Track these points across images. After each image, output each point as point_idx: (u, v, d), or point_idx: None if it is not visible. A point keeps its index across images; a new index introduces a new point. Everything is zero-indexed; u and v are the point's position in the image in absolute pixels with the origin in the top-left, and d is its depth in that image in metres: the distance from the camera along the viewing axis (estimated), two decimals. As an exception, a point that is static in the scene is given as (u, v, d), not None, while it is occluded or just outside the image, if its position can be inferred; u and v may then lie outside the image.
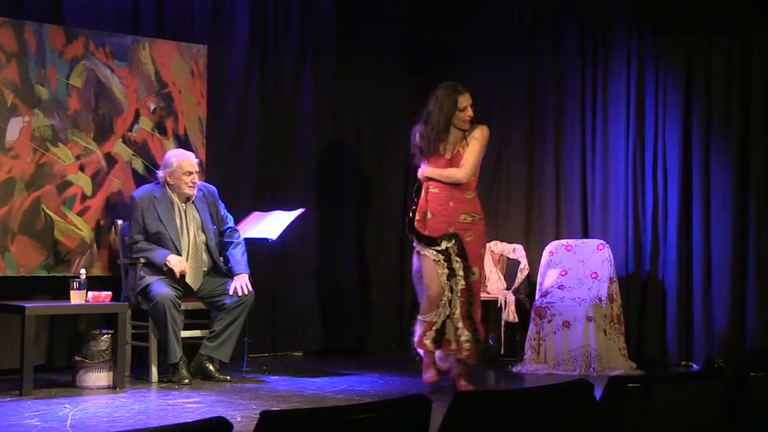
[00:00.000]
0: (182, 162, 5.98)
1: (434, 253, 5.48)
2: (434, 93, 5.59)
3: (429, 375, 5.60)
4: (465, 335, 5.43)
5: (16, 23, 5.94)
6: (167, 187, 6.00)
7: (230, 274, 6.00)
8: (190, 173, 5.97)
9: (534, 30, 7.33)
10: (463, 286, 5.45)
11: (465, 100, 5.53)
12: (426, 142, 5.54)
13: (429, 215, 5.54)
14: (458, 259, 5.46)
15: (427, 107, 5.57)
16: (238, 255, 6.05)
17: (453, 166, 5.55)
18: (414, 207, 5.61)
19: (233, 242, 6.10)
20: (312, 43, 7.35)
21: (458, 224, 5.51)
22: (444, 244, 5.48)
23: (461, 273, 5.45)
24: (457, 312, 5.44)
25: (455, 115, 5.51)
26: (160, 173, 6.04)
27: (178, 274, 5.82)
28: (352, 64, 7.56)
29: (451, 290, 5.46)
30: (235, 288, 5.90)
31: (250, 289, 5.93)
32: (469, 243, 5.50)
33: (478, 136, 5.59)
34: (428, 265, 5.49)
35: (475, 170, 5.60)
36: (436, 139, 5.51)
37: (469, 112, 5.54)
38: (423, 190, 5.60)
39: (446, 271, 5.46)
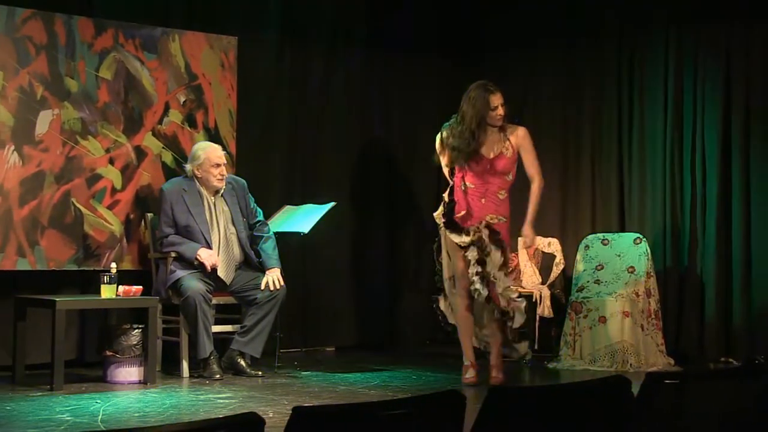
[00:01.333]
0: (210, 154, 6.03)
1: (464, 239, 5.60)
2: (467, 92, 5.65)
3: (469, 376, 5.66)
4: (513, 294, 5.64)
5: (45, 15, 6.00)
6: (196, 180, 6.05)
7: (262, 269, 6.04)
8: (218, 165, 6.01)
9: (570, 21, 7.30)
10: (501, 265, 5.60)
11: (496, 99, 5.62)
12: (461, 141, 5.60)
13: (462, 212, 5.65)
14: (492, 244, 5.59)
15: (461, 107, 5.64)
16: (269, 249, 6.08)
17: (495, 166, 5.64)
18: (451, 203, 5.70)
19: (263, 236, 6.13)
20: (343, 35, 7.36)
21: (485, 223, 5.64)
22: (473, 234, 5.59)
23: (498, 254, 5.58)
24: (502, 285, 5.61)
25: (488, 115, 5.59)
26: (188, 166, 6.09)
27: (209, 268, 5.87)
28: (384, 56, 7.56)
29: (481, 274, 5.56)
30: (267, 282, 5.93)
31: (282, 283, 5.97)
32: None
33: (527, 141, 5.72)
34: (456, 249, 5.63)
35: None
36: (471, 138, 5.58)
37: (501, 111, 5.62)
38: (457, 186, 5.65)
39: (476, 255, 5.58)
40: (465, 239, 5.62)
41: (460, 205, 5.67)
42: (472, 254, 5.59)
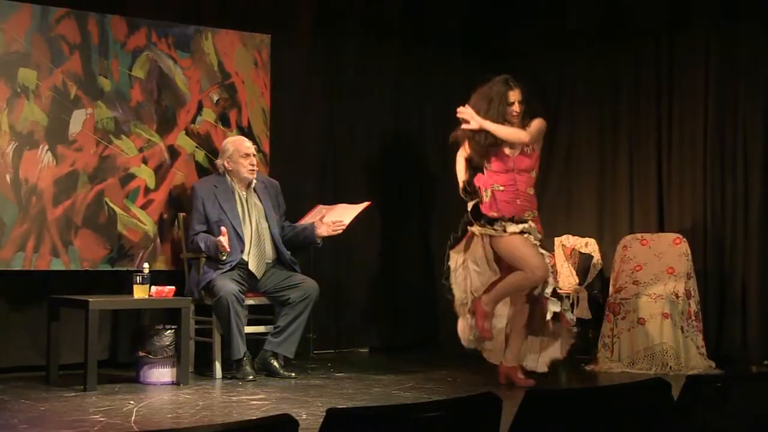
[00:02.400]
0: (238, 146, 6.09)
1: (520, 227, 5.61)
2: (487, 86, 5.66)
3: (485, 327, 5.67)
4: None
5: (79, 14, 6.06)
6: (227, 176, 6.09)
7: (294, 268, 6.08)
8: (248, 155, 6.07)
9: (604, 16, 7.25)
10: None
11: (514, 96, 5.64)
12: (478, 134, 5.61)
13: (495, 214, 5.65)
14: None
15: (480, 101, 5.65)
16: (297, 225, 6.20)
17: (519, 165, 5.65)
18: (476, 199, 5.71)
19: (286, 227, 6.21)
20: (376, 31, 7.37)
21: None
22: (522, 226, 5.63)
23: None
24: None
25: (505, 110, 5.62)
26: (219, 161, 6.16)
27: (226, 246, 5.83)
28: (417, 53, 7.56)
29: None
30: (324, 225, 6.08)
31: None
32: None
33: (535, 123, 5.69)
34: (516, 240, 5.59)
35: (536, 141, 5.70)
36: (487, 132, 5.59)
37: (517, 107, 5.64)
38: (483, 191, 5.68)
39: (537, 243, 5.61)
40: (515, 228, 5.60)
41: (492, 208, 5.65)
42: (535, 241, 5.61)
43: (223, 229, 5.88)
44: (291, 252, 6.19)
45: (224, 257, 5.89)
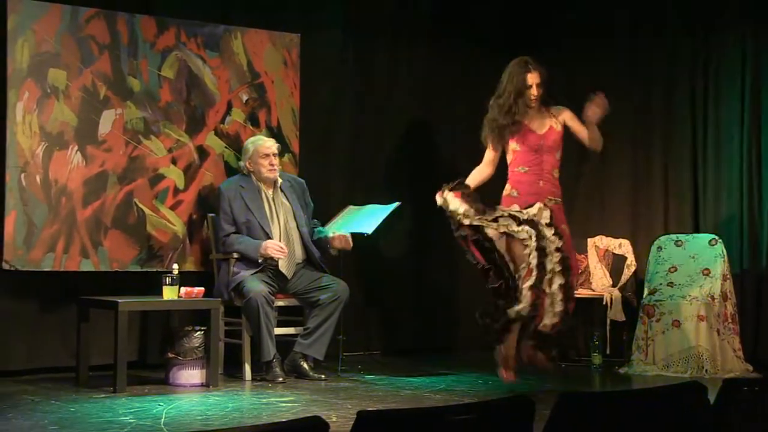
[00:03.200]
0: (258, 146, 6.11)
1: (519, 229, 5.49)
2: (507, 67, 5.70)
3: (509, 375, 5.58)
4: (558, 306, 5.39)
5: (108, 14, 6.10)
6: (252, 176, 6.12)
7: (324, 269, 6.11)
8: (267, 155, 6.09)
9: (638, 12, 7.21)
10: (559, 256, 5.42)
11: (533, 78, 5.63)
12: (500, 115, 5.65)
13: (515, 193, 5.63)
14: (549, 228, 5.47)
15: (500, 81, 5.71)
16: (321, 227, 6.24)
17: (547, 142, 5.64)
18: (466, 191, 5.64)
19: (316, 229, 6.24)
20: (407, 30, 7.37)
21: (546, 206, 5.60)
22: (528, 212, 5.49)
23: (554, 241, 5.44)
24: (555, 285, 5.39)
25: (524, 92, 5.62)
26: (242, 163, 6.19)
27: (277, 257, 5.89)
28: (448, 49, 7.56)
29: (542, 267, 5.40)
30: (337, 238, 6.08)
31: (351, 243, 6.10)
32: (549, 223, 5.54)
33: (575, 118, 5.70)
34: (505, 243, 5.53)
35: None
36: (508, 114, 5.62)
37: (535, 90, 5.62)
38: (511, 171, 5.65)
39: (534, 244, 5.43)
40: (522, 221, 5.50)
41: (508, 202, 5.60)
42: (531, 245, 5.44)
43: (278, 246, 5.92)
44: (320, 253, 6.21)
45: (262, 260, 5.92)
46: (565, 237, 5.55)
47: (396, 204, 6.47)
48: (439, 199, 5.63)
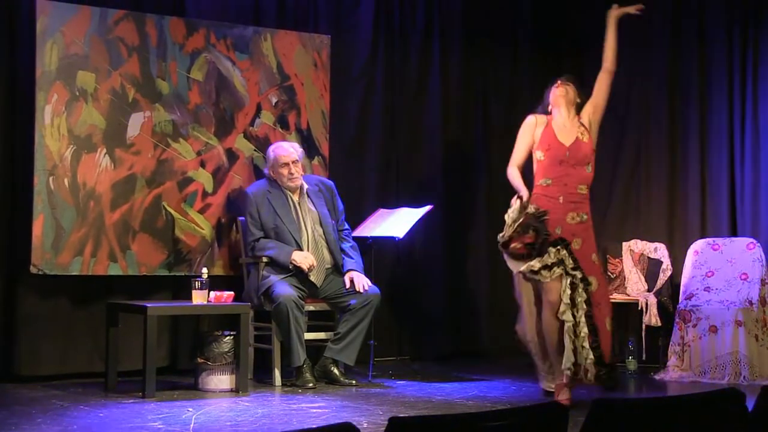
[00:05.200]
0: (278, 154, 6.14)
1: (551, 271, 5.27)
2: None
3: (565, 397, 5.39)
4: (590, 357, 5.22)
5: (137, 16, 6.16)
6: (276, 182, 6.15)
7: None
8: (286, 164, 6.10)
9: (676, 13, 7.19)
10: (585, 299, 5.24)
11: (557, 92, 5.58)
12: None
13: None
14: (574, 270, 5.26)
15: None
16: (348, 249, 6.20)
17: (574, 154, 5.41)
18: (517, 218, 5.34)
19: (347, 245, 6.22)
20: (439, 31, 7.39)
21: (565, 225, 5.32)
22: (553, 255, 5.25)
23: (581, 285, 5.24)
24: (584, 331, 5.22)
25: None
26: (266, 170, 6.23)
27: (306, 269, 5.94)
28: (481, 51, 7.56)
29: (575, 306, 5.24)
30: (353, 280, 5.99)
31: (369, 285, 6.02)
32: (578, 251, 5.29)
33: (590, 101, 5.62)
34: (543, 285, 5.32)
35: (594, 122, 5.58)
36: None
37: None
38: (535, 183, 5.46)
39: (569, 285, 5.23)
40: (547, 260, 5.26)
41: (532, 202, 5.37)
42: (566, 285, 5.23)
43: (309, 261, 5.95)
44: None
45: (292, 267, 5.96)
46: (595, 269, 5.34)
47: (428, 208, 6.48)
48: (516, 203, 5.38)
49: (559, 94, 5.55)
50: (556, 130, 5.48)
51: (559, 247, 5.26)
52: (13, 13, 5.94)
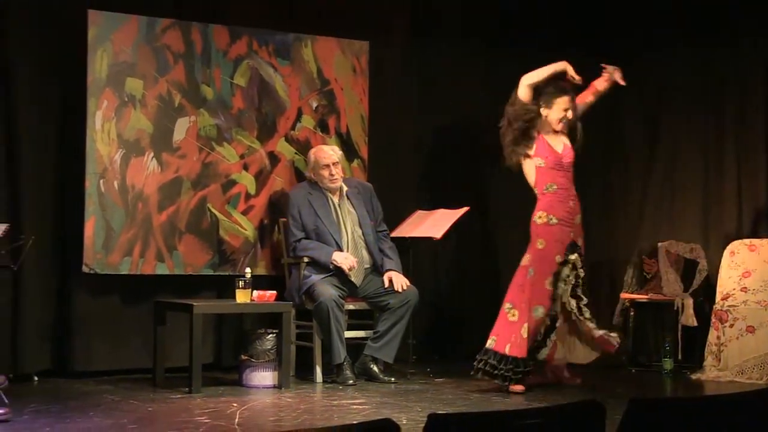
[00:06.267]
0: (318, 156, 6.15)
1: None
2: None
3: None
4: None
5: (183, 24, 6.20)
6: (318, 184, 6.15)
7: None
8: (327, 166, 6.11)
9: (707, 12, 7.10)
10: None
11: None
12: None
13: (553, 220, 5.75)
14: (581, 271, 5.78)
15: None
16: (391, 254, 6.20)
17: (566, 159, 5.82)
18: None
19: (386, 245, 6.21)
20: (472, 36, 7.36)
21: (576, 227, 5.84)
22: (571, 261, 5.79)
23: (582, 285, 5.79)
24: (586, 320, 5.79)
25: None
26: (307, 172, 6.24)
27: (347, 270, 5.94)
28: (514, 56, 7.51)
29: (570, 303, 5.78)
30: (392, 280, 6.00)
31: (408, 284, 6.00)
32: (581, 249, 5.85)
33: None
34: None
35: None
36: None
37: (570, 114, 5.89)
38: (540, 192, 5.82)
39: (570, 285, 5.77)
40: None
41: (543, 209, 5.82)
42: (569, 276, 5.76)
43: (350, 262, 5.95)
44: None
45: (333, 267, 5.96)
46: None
47: (464, 209, 6.46)
48: None
49: (569, 116, 5.84)
50: (548, 139, 5.83)
51: (574, 251, 5.75)
52: (66, 24, 6.00)
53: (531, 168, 5.82)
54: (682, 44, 7.21)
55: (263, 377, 5.70)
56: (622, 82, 5.97)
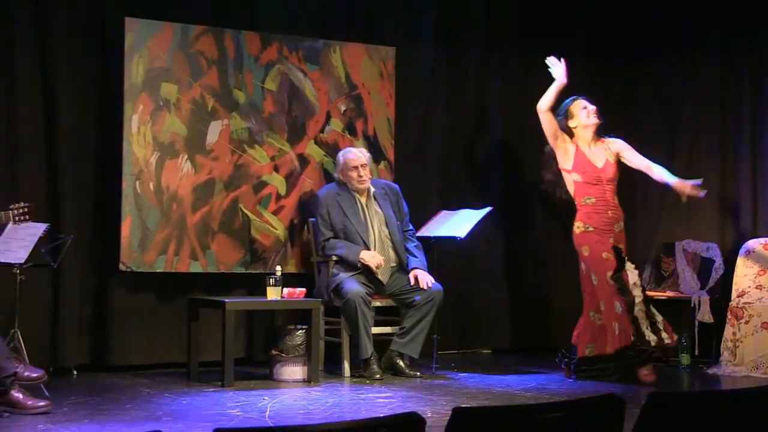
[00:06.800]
0: (347, 159, 6.17)
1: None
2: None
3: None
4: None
5: (216, 31, 6.25)
6: (346, 185, 6.18)
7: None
8: (355, 168, 6.13)
9: (728, 17, 7.07)
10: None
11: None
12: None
13: (590, 228, 5.85)
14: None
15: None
16: (417, 252, 6.21)
17: (606, 174, 5.88)
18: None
19: (412, 244, 6.23)
20: (497, 42, 7.36)
21: (614, 234, 5.88)
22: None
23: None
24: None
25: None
26: (335, 174, 6.26)
27: (375, 268, 5.97)
28: (536, 62, 7.50)
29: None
30: (417, 278, 6.01)
31: (432, 281, 6.03)
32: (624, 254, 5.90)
33: (626, 146, 6.02)
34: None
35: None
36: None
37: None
38: (578, 204, 5.89)
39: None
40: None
41: (581, 219, 5.89)
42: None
43: (377, 260, 5.99)
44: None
45: (360, 265, 5.99)
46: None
47: (488, 209, 6.47)
48: None
49: (594, 123, 5.93)
50: (587, 153, 5.90)
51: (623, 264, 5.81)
52: (104, 31, 6.06)
53: (570, 182, 5.96)
54: (699, 45, 7.19)
55: (293, 371, 5.73)
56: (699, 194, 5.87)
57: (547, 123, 5.98)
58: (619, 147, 5.99)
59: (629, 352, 5.66)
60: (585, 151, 5.90)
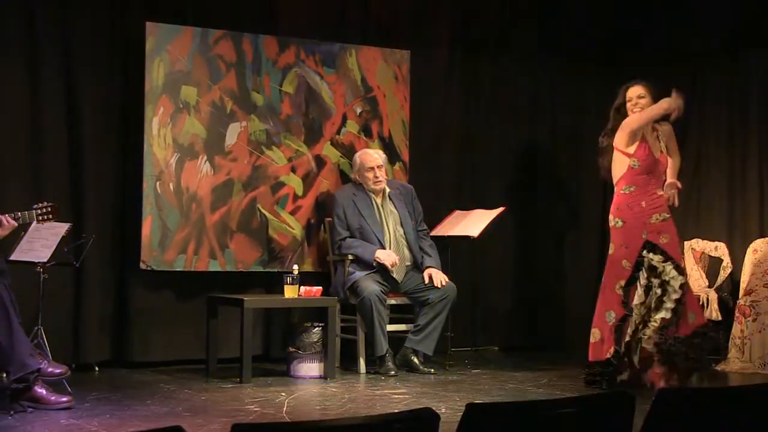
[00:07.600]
0: (363, 159, 6.17)
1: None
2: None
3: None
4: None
5: (235, 35, 6.25)
6: (362, 185, 6.17)
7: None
8: (371, 168, 6.13)
9: (737, 23, 7.03)
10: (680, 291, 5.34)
11: (632, 92, 5.50)
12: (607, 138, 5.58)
13: (619, 223, 5.42)
14: (664, 262, 5.33)
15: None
16: (426, 248, 6.20)
17: (660, 167, 5.47)
18: None
19: (426, 243, 6.22)
20: (510, 46, 7.34)
21: (649, 226, 5.38)
22: (647, 261, 5.37)
23: (675, 276, 5.32)
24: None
25: (625, 107, 5.51)
26: (352, 175, 6.25)
27: (390, 266, 5.97)
28: (550, 65, 7.50)
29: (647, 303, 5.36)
30: (431, 276, 5.99)
31: (447, 280, 6.01)
32: (667, 245, 5.37)
33: (671, 134, 5.60)
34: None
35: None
36: (608, 134, 5.53)
37: (634, 102, 5.47)
38: (617, 191, 5.47)
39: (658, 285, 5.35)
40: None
41: (614, 213, 5.46)
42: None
43: (393, 258, 5.96)
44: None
45: (376, 264, 5.98)
46: (677, 257, 5.42)
47: (501, 209, 6.46)
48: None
49: (636, 95, 5.50)
50: (649, 141, 5.47)
51: (647, 249, 5.36)
52: (125, 35, 6.07)
53: (624, 165, 5.44)
54: (709, 47, 7.15)
55: (310, 368, 5.73)
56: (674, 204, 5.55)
57: (631, 136, 5.44)
58: (667, 136, 5.56)
59: (595, 367, 5.42)
60: (648, 138, 5.48)
